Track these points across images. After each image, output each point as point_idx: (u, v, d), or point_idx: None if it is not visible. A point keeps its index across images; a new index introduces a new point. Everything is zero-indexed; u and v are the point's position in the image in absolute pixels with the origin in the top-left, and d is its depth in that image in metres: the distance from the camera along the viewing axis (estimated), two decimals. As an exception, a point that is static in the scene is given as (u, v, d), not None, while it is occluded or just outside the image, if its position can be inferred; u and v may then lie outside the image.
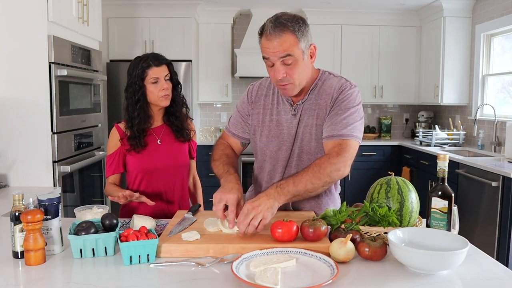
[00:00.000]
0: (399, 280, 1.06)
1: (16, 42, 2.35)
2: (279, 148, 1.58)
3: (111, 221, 1.26)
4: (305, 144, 1.55)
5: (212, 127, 5.24)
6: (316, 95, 1.53)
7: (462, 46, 4.48)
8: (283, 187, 1.33)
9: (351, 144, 1.44)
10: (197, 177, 2.08)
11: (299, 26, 1.40)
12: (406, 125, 5.44)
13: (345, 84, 1.51)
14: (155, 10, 4.56)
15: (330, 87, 1.52)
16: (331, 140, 1.46)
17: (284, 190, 1.32)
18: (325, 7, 4.78)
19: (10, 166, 2.42)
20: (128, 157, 1.83)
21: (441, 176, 1.26)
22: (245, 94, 1.70)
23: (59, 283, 1.07)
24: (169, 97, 1.82)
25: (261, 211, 1.25)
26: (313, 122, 1.53)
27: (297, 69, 1.43)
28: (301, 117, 1.55)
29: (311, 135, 1.53)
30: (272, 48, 1.40)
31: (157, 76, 1.77)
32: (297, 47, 1.40)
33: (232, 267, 1.06)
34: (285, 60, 1.40)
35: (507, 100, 4.10)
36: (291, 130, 1.56)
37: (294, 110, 1.55)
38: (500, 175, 3.03)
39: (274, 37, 1.38)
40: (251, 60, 4.67)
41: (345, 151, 1.41)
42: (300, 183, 1.34)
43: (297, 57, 1.41)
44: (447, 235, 1.19)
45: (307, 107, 1.54)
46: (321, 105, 1.52)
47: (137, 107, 1.79)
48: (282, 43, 1.38)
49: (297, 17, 1.43)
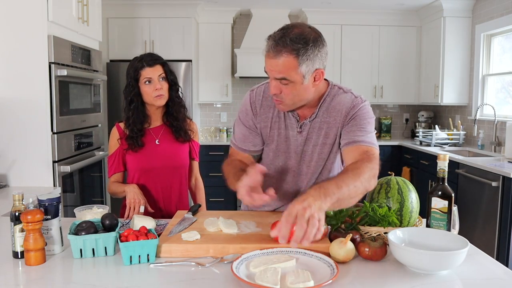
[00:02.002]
0: (399, 280, 1.06)
1: (16, 42, 2.35)
2: (285, 163, 1.54)
3: (111, 221, 1.26)
4: (313, 165, 1.51)
5: (212, 127, 5.24)
6: (325, 112, 1.46)
7: (462, 46, 4.48)
8: (326, 187, 1.13)
9: (376, 153, 1.36)
10: (200, 178, 2.08)
11: (305, 49, 1.27)
12: (406, 125, 5.44)
13: (356, 100, 1.44)
14: (155, 10, 4.56)
15: (340, 103, 1.45)
16: (354, 146, 1.37)
17: (329, 191, 1.12)
18: (325, 7, 4.78)
19: (10, 166, 2.42)
20: (127, 156, 1.84)
21: (441, 176, 1.26)
22: (247, 104, 1.55)
23: (59, 283, 1.07)
24: (163, 96, 1.81)
25: (314, 212, 1.05)
26: (321, 141, 1.48)
27: (291, 91, 1.33)
28: (308, 135, 1.48)
29: (320, 155, 1.49)
30: (269, 66, 1.31)
31: (150, 76, 1.78)
32: (295, 72, 1.29)
33: (232, 267, 1.06)
34: (280, 81, 1.32)
35: (507, 100, 4.10)
36: (297, 147, 1.50)
37: (300, 127, 1.48)
38: (500, 175, 3.03)
39: (273, 56, 1.29)
40: (251, 60, 4.66)
41: (375, 158, 1.33)
42: (343, 186, 1.16)
43: (294, 81, 1.31)
44: (447, 235, 1.19)
45: (315, 125, 1.47)
46: (330, 123, 1.46)
47: (131, 107, 1.81)
48: (278, 64, 1.28)
49: (308, 37, 1.28)
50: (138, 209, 1.66)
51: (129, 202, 1.67)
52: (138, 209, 1.66)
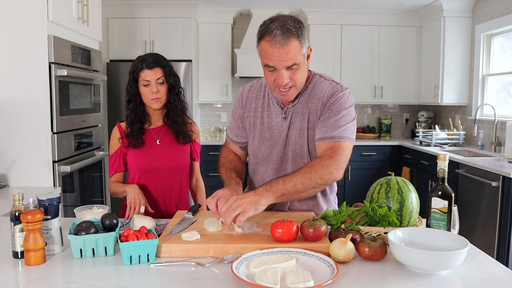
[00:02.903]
0: (399, 280, 1.06)
1: (16, 42, 2.35)
2: (270, 151, 1.58)
3: (111, 221, 1.26)
4: (298, 148, 1.54)
5: (212, 127, 5.24)
6: (307, 98, 1.52)
7: (462, 46, 4.48)
8: (272, 185, 1.35)
9: (344, 146, 1.43)
10: (200, 179, 2.08)
11: (301, 30, 1.37)
12: (406, 125, 5.44)
13: (336, 87, 1.49)
14: (155, 10, 4.56)
15: (321, 91, 1.50)
16: (323, 143, 1.45)
17: (273, 188, 1.33)
18: (325, 7, 4.78)
19: (10, 166, 2.42)
20: (128, 156, 1.84)
21: (441, 176, 1.26)
22: (237, 98, 1.69)
23: (59, 283, 1.07)
24: (160, 100, 1.81)
25: (243, 204, 1.27)
26: (305, 125, 1.52)
27: (299, 73, 1.41)
28: (292, 120, 1.54)
29: (304, 139, 1.52)
30: (279, 57, 1.36)
31: (148, 79, 1.77)
32: (300, 54, 1.38)
33: (232, 267, 1.06)
34: (291, 67, 1.38)
35: (507, 100, 4.10)
36: (282, 133, 1.55)
37: (284, 113, 1.54)
38: (500, 175, 3.03)
39: (281, 45, 1.34)
40: (251, 60, 4.67)
41: (338, 154, 1.41)
42: (290, 182, 1.35)
43: (300, 63, 1.39)
44: (447, 235, 1.19)
45: (298, 110, 1.53)
46: (311, 109, 1.51)
47: (129, 106, 1.82)
48: (289, 51, 1.35)
49: (297, 20, 1.40)
50: (138, 209, 1.66)
51: (130, 202, 1.67)
52: (138, 209, 1.66)
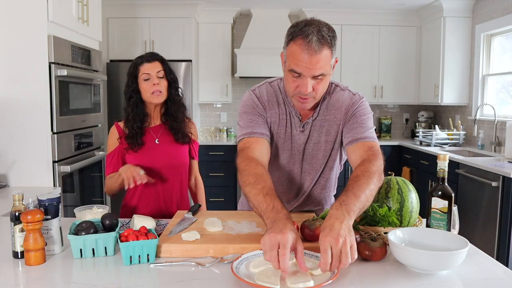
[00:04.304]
0: (399, 280, 1.06)
1: (16, 42, 2.35)
2: (288, 162, 1.55)
3: (111, 221, 1.26)
4: (314, 161, 1.53)
5: (212, 127, 5.24)
6: (325, 110, 1.49)
7: (462, 46, 4.48)
8: (347, 203, 1.11)
9: (379, 147, 1.39)
10: (199, 178, 2.08)
11: (334, 40, 1.29)
12: (406, 125, 5.44)
13: (355, 98, 1.47)
14: (155, 10, 4.56)
15: (338, 101, 1.47)
16: (358, 143, 1.40)
17: (350, 206, 1.10)
18: (325, 7, 4.78)
19: (10, 166, 2.42)
20: (127, 155, 1.83)
21: (441, 176, 1.26)
22: (253, 99, 1.50)
23: (59, 283, 1.07)
24: (162, 94, 1.80)
25: (345, 237, 1.01)
26: (322, 138, 1.50)
27: (322, 84, 1.35)
28: (310, 134, 1.50)
29: (320, 152, 1.51)
30: (309, 64, 1.27)
31: (148, 72, 1.78)
32: (329, 64, 1.31)
33: (232, 267, 1.06)
34: (318, 77, 1.31)
35: (507, 100, 4.10)
36: (300, 146, 1.52)
37: (302, 126, 1.50)
38: (500, 175, 3.03)
39: (314, 52, 1.25)
40: (251, 60, 4.67)
41: (378, 152, 1.36)
42: (361, 194, 1.15)
43: (327, 74, 1.33)
44: (447, 235, 1.19)
45: (317, 123, 1.49)
46: (330, 121, 1.48)
47: (130, 103, 1.81)
48: (319, 60, 1.27)
49: (332, 29, 1.31)
50: (137, 176, 1.62)
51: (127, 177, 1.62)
52: (137, 176, 1.62)
